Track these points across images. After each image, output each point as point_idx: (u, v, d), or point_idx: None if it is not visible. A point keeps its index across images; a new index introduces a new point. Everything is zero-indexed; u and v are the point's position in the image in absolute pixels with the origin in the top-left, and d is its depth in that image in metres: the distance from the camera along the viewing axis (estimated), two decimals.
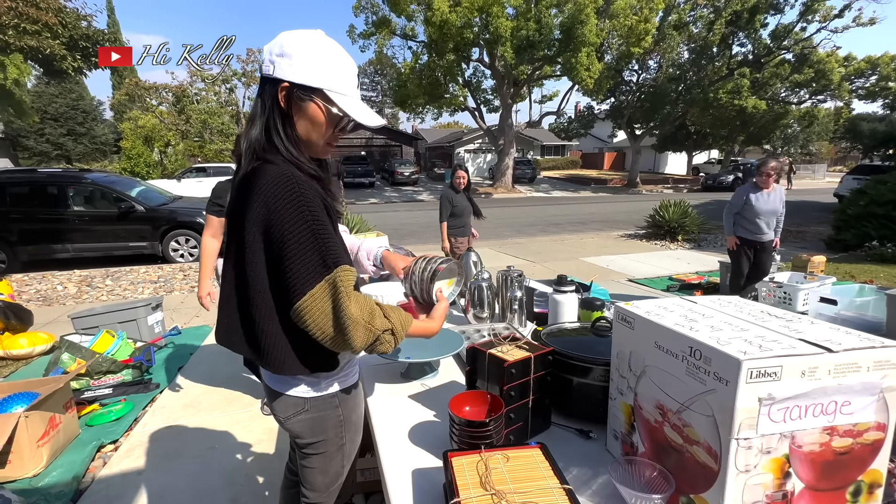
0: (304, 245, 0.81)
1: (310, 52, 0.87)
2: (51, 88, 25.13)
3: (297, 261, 0.81)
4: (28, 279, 5.95)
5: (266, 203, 0.82)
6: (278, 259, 0.83)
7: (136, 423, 2.48)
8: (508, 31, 14.73)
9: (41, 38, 5.05)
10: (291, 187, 0.82)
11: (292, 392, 0.98)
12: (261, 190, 0.83)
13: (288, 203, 0.82)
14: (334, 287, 0.82)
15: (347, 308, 0.81)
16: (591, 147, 36.91)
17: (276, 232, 0.82)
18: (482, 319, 1.78)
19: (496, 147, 20.63)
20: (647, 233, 9.16)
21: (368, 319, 0.84)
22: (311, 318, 0.81)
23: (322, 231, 0.83)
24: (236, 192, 0.89)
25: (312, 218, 0.82)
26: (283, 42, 0.88)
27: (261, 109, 0.90)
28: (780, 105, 21.39)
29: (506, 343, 1.03)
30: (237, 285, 0.91)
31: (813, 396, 0.63)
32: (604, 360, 0.97)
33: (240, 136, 0.92)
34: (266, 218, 0.82)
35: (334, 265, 0.82)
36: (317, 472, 1.06)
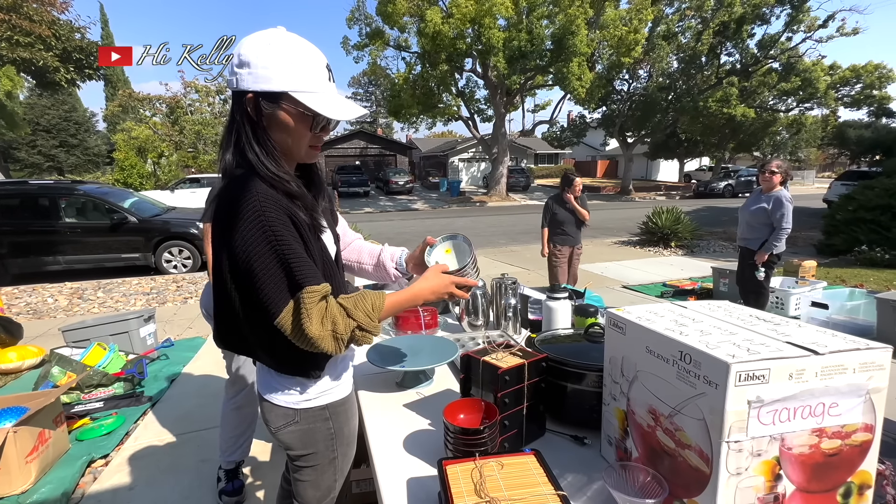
0: (269, 266, 0.82)
1: (268, 56, 0.83)
2: (43, 100, 25.05)
3: (265, 281, 0.82)
4: (18, 292, 5.88)
5: (231, 226, 0.82)
6: (248, 280, 0.83)
7: (128, 437, 2.44)
8: (500, 41, 14.92)
9: (34, 51, 5.05)
10: (253, 206, 0.81)
11: (282, 402, 0.98)
12: (227, 213, 0.83)
13: (250, 224, 0.81)
14: (297, 309, 0.82)
15: (308, 329, 0.82)
16: (583, 155, 37.26)
17: (241, 253, 0.82)
18: (477, 327, 1.78)
19: (490, 156, 20.77)
20: (641, 239, 9.23)
21: (332, 329, 0.84)
22: (289, 332, 0.84)
23: (286, 250, 0.82)
24: (214, 213, 0.88)
25: (275, 238, 0.81)
26: (241, 50, 0.84)
27: (233, 126, 0.88)
28: (768, 113, 21.78)
29: (500, 350, 1.04)
30: (226, 297, 0.91)
31: (801, 398, 0.64)
32: (597, 365, 0.97)
33: (223, 152, 0.91)
34: (231, 240, 0.83)
35: (299, 287, 0.82)
36: (308, 486, 1.05)
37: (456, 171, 30.24)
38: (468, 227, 12.48)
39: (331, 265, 0.97)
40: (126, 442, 2.40)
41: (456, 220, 14.56)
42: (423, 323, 1.74)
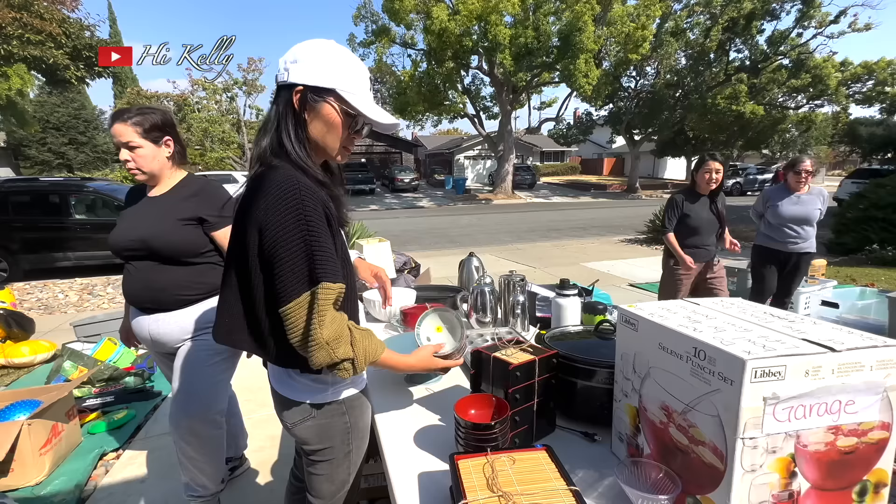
0: (295, 254, 0.82)
1: (321, 55, 0.90)
2: (53, 98, 25.28)
3: (287, 268, 0.82)
4: (30, 287, 5.96)
5: (267, 206, 0.83)
6: (269, 262, 0.84)
7: (139, 431, 2.47)
8: (507, 38, 14.87)
9: (45, 48, 5.10)
10: (293, 194, 0.83)
11: (300, 398, 0.99)
12: (264, 193, 0.84)
13: (287, 209, 0.82)
14: (311, 303, 0.83)
15: (316, 328, 0.82)
16: (590, 153, 37.07)
17: (270, 236, 0.83)
18: (485, 324, 1.78)
19: (496, 153, 20.73)
20: (648, 237, 9.17)
21: (334, 345, 0.84)
22: (292, 324, 0.84)
23: (315, 242, 0.83)
24: (243, 194, 0.90)
25: (308, 228, 0.83)
26: (296, 50, 0.91)
27: (274, 116, 0.92)
28: (777, 110, 21.52)
29: (510, 346, 1.04)
30: (241, 285, 0.92)
31: (817, 396, 0.64)
32: (608, 362, 0.97)
33: (257, 142, 0.94)
34: (264, 220, 0.83)
35: (318, 280, 0.82)
36: (323, 480, 1.06)
37: (461, 168, 30.21)
38: (473, 225, 12.47)
39: (348, 262, 0.99)
40: (137, 435, 2.43)
41: (461, 217, 14.56)
42: None
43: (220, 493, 2.01)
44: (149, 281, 1.53)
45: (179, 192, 1.57)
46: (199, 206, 1.54)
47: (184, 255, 1.53)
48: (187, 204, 1.54)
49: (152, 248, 1.49)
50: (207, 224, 1.55)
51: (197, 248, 1.55)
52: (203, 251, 1.57)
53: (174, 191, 1.58)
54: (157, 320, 1.56)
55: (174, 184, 1.59)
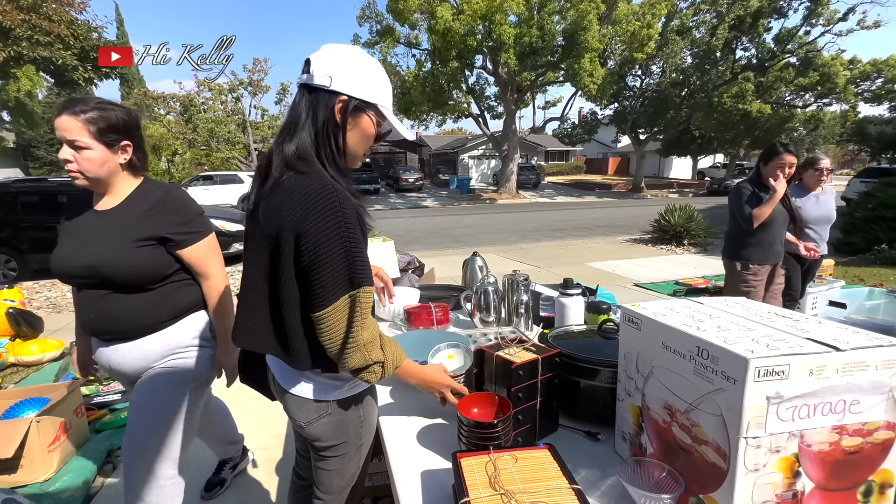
0: (335, 259, 0.83)
1: (365, 68, 0.93)
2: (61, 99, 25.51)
3: (327, 273, 0.83)
4: (38, 286, 6.03)
5: (305, 213, 0.83)
6: (308, 267, 0.84)
7: None
8: (511, 38, 14.84)
9: (53, 50, 5.15)
10: (333, 201, 0.84)
11: (317, 396, 0.99)
12: (301, 199, 0.83)
13: (327, 216, 0.83)
14: (353, 305, 0.85)
15: (358, 330, 0.85)
16: (595, 152, 36.94)
17: (310, 242, 0.83)
18: (488, 323, 1.78)
19: (500, 153, 20.69)
20: (653, 237, 9.13)
21: (370, 347, 0.87)
22: (328, 328, 0.85)
23: (354, 248, 0.85)
24: (271, 198, 0.87)
25: (348, 234, 0.84)
26: (338, 56, 0.91)
27: (308, 120, 0.90)
28: (785, 109, 21.35)
29: (513, 345, 1.04)
30: (270, 288, 0.91)
31: (821, 395, 0.64)
32: (611, 361, 0.97)
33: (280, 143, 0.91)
34: (302, 227, 0.83)
35: (358, 284, 0.85)
36: (334, 475, 1.07)
37: (466, 168, 30.20)
38: (478, 225, 12.47)
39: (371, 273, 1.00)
40: None
41: (465, 217, 14.55)
42: (434, 319, 1.75)
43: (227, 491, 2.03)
44: (103, 311, 1.28)
45: (135, 205, 1.29)
46: (159, 223, 1.27)
47: (144, 282, 1.28)
48: (146, 221, 1.26)
49: (104, 276, 1.23)
50: (172, 243, 1.29)
51: (159, 272, 1.30)
52: (168, 273, 1.32)
53: (128, 203, 1.29)
54: (116, 350, 1.33)
55: (127, 194, 1.30)
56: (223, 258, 1.45)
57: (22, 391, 2.28)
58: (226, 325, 1.41)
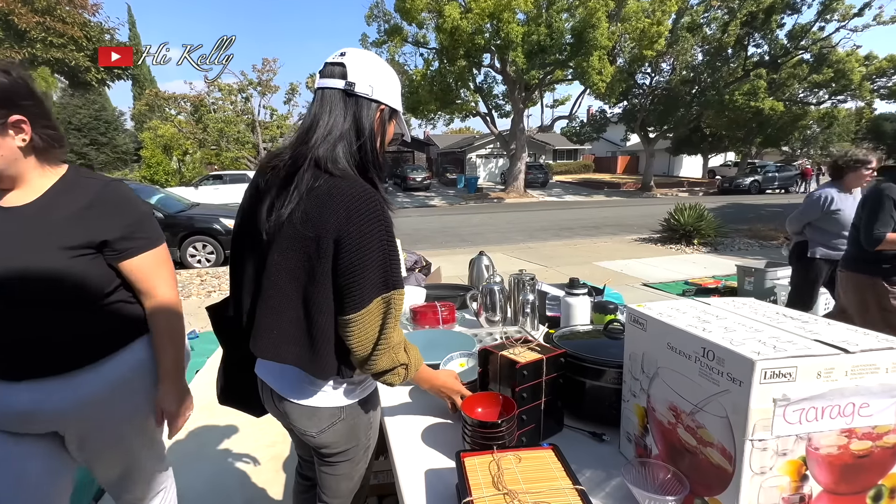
0: (374, 261, 0.84)
1: (393, 78, 0.97)
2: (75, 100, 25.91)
3: (365, 275, 0.83)
4: None
5: (349, 216, 0.83)
6: (347, 270, 0.84)
7: None
8: (519, 36, 14.78)
9: (67, 51, 5.25)
10: (375, 205, 0.85)
11: (330, 403, 0.98)
12: (344, 202, 0.83)
13: (370, 220, 0.84)
14: (387, 307, 0.86)
15: (390, 331, 0.86)
16: (603, 151, 36.67)
17: (351, 244, 0.83)
18: (494, 323, 1.78)
19: (508, 152, 20.64)
20: (662, 237, 9.04)
21: (397, 349, 0.89)
22: (358, 330, 0.85)
23: (392, 251, 0.87)
24: (309, 201, 0.84)
25: (388, 237, 0.86)
26: (372, 65, 0.93)
27: (351, 127, 0.91)
28: (798, 106, 21.01)
29: (518, 345, 1.04)
30: (305, 291, 0.88)
31: (829, 398, 0.63)
32: (616, 362, 0.97)
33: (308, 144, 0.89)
34: (345, 229, 0.83)
35: (394, 286, 0.86)
36: (342, 479, 1.07)
37: (473, 167, 30.16)
38: (485, 224, 12.45)
39: None
40: None
41: (473, 216, 14.54)
42: (440, 318, 1.75)
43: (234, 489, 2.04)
44: (16, 334, 0.95)
45: (60, 202, 0.97)
46: (98, 226, 0.98)
47: (76, 301, 0.98)
48: (79, 223, 0.97)
49: (18, 293, 0.92)
50: (112, 252, 1.01)
51: (99, 289, 1.00)
52: (108, 291, 1.02)
53: (49, 199, 0.97)
54: (32, 389, 0.97)
55: (46, 187, 0.97)
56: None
57: None
58: (175, 359, 1.13)
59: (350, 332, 0.85)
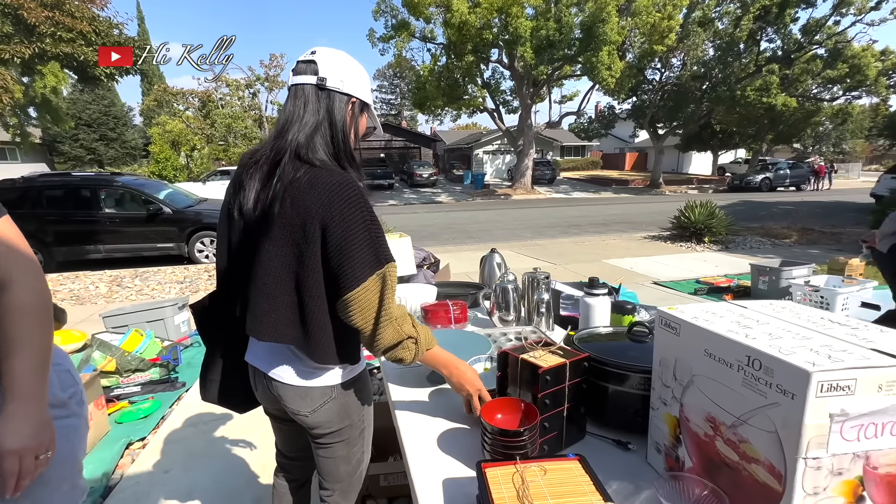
0: (361, 241, 0.87)
1: (362, 73, 1.02)
2: (84, 95, 26.13)
3: (355, 255, 0.87)
4: (62, 279, 6.18)
5: (330, 202, 0.87)
6: (335, 252, 0.87)
7: (163, 421, 2.52)
8: (528, 31, 14.62)
9: (76, 46, 5.24)
10: (353, 190, 0.90)
11: (321, 382, 1.00)
12: (325, 189, 0.88)
13: (350, 203, 0.88)
14: (383, 281, 0.88)
15: (388, 304, 0.89)
16: (611, 147, 36.33)
17: (336, 228, 0.86)
18: (508, 322, 1.73)
19: (515, 148, 20.49)
20: (672, 234, 8.92)
21: (401, 321, 0.91)
22: (359, 307, 0.87)
23: (377, 230, 0.90)
24: (292, 192, 0.88)
25: (370, 218, 0.90)
26: (341, 60, 0.98)
27: (324, 119, 0.96)
28: (811, 102, 20.64)
29: (538, 348, 0.99)
30: (297, 279, 0.91)
31: (890, 413, 0.57)
32: (643, 367, 0.92)
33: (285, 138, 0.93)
34: (328, 215, 0.86)
35: (385, 261, 0.89)
36: (340, 461, 1.09)
37: (480, 163, 30.01)
38: (493, 221, 12.38)
39: None
40: (162, 426, 2.47)
41: (480, 213, 14.46)
42: (452, 317, 1.71)
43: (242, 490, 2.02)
44: None
45: None
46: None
47: None
48: None
49: None
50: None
51: None
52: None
53: None
54: None
55: None
56: None
57: None
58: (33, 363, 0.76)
59: (351, 312, 0.87)
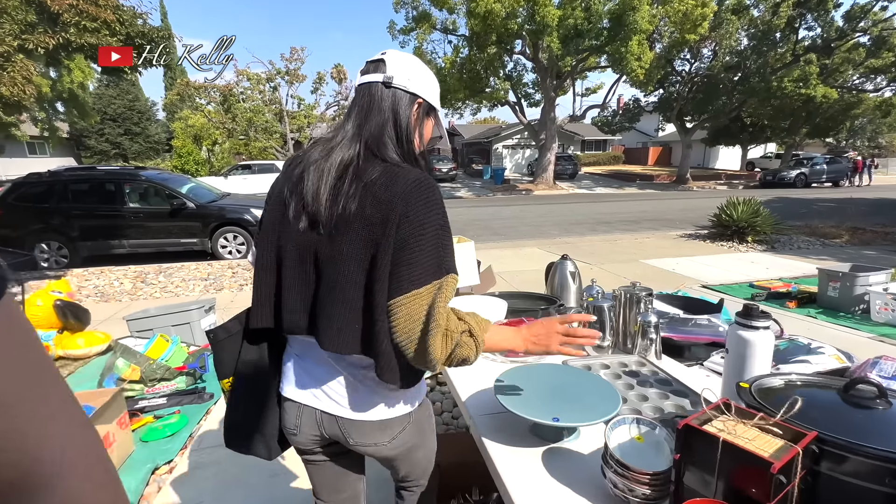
0: (427, 245, 0.82)
1: (430, 77, 0.98)
2: (110, 90, 26.57)
3: (416, 258, 0.81)
4: (88, 274, 6.09)
5: (408, 198, 0.82)
6: (398, 250, 0.81)
7: (192, 440, 2.30)
8: (555, 20, 14.13)
9: (100, 36, 5.10)
10: (432, 190, 0.86)
11: (397, 413, 0.96)
12: (405, 185, 0.83)
13: (428, 203, 0.84)
14: (439, 291, 0.82)
15: (440, 312, 0.80)
16: (634, 141, 35.38)
17: (407, 225, 0.81)
18: (602, 348, 1.44)
19: (537, 142, 20.02)
20: (711, 233, 8.45)
21: (446, 325, 0.82)
22: (405, 316, 0.80)
23: (447, 237, 0.86)
24: (373, 190, 0.83)
25: (443, 222, 0.86)
26: (410, 62, 0.95)
27: (390, 116, 0.91)
28: (852, 94, 19.59)
29: (730, 416, 0.69)
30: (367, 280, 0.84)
31: None
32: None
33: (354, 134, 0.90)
34: (404, 211, 0.82)
35: (447, 271, 0.84)
36: (420, 463, 1.08)
37: (500, 158, 29.53)
38: (517, 217, 12.02)
39: None
40: (189, 445, 2.25)
41: (503, 208, 14.10)
42: None
43: None
44: None
45: None
46: None
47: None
48: None
49: None
50: None
51: None
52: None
53: None
54: None
55: None
56: None
57: None
58: None
59: (395, 319, 0.80)
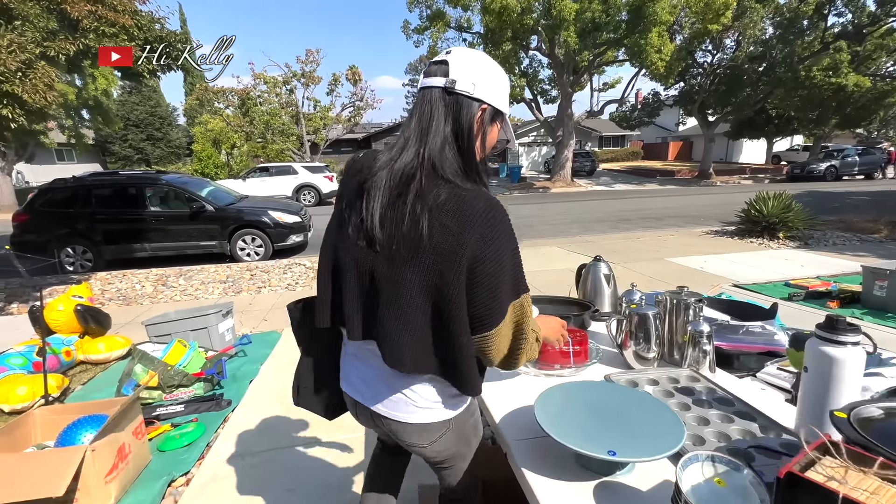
0: (507, 274, 0.83)
1: (500, 77, 0.91)
2: (132, 97, 27.23)
3: (500, 289, 0.82)
4: (111, 278, 6.18)
5: (483, 234, 0.81)
6: (483, 287, 0.81)
7: (209, 450, 2.24)
8: (572, 13, 13.84)
9: (119, 41, 5.15)
10: (503, 218, 0.84)
11: (437, 418, 0.96)
12: (476, 218, 0.81)
13: (502, 235, 0.83)
14: (521, 311, 0.85)
15: (528, 331, 0.86)
16: (653, 137, 34.58)
17: (489, 262, 0.81)
18: (646, 360, 1.30)
19: (553, 139, 19.71)
20: (739, 229, 8.12)
21: (533, 340, 0.89)
22: (497, 341, 0.84)
23: (519, 257, 0.86)
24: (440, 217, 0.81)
25: (515, 246, 0.85)
26: (477, 62, 0.88)
27: (448, 125, 0.86)
28: (885, 82, 18.69)
29: (840, 460, 0.56)
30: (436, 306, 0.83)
31: None
32: None
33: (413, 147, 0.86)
34: (479, 247, 0.80)
35: (522, 291, 0.86)
36: (460, 465, 1.07)
37: (515, 155, 29.21)
38: (535, 215, 11.82)
39: None
40: (207, 456, 2.19)
41: (521, 207, 13.90)
42: (571, 353, 1.30)
43: None
44: None
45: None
46: None
47: None
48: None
49: None
50: None
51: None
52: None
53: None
54: None
55: None
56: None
57: (81, 406, 2.07)
58: None
59: (488, 346, 0.84)
